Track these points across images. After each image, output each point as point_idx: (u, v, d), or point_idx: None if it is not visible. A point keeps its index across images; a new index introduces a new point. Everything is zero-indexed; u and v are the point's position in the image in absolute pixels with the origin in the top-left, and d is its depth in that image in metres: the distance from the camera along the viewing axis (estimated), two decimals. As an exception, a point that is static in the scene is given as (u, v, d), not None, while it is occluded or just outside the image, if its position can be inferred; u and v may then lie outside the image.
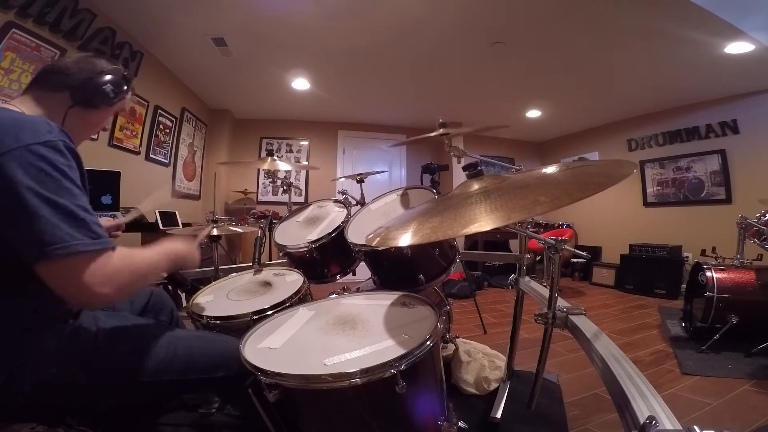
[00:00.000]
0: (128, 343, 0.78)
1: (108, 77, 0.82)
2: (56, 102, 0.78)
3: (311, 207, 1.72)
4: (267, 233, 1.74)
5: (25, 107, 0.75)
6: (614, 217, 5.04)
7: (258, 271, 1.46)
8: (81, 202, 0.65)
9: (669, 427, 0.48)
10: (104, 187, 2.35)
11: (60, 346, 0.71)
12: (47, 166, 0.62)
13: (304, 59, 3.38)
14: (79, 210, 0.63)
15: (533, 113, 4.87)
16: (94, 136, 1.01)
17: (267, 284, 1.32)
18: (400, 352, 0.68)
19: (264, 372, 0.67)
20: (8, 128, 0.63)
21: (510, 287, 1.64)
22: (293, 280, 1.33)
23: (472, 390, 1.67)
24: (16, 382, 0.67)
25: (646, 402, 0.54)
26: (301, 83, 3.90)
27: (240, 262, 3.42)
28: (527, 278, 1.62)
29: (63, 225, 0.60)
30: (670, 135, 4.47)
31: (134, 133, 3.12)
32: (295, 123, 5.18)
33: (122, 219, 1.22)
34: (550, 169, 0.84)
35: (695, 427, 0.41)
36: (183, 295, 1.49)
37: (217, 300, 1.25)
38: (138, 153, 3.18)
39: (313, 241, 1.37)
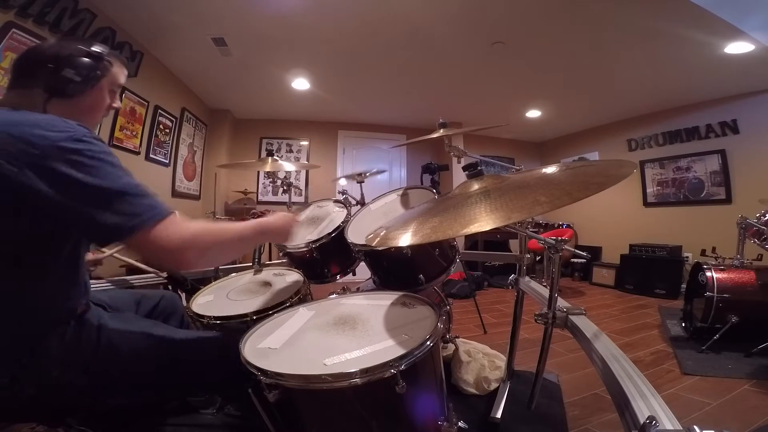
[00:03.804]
0: (130, 344, 0.78)
1: (75, 63, 0.76)
2: (34, 98, 0.75)
3: (311, 207, 1.72)
4: (267, 233, 1.73)
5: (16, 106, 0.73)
6: (614, 217, 5.04)
7: (258, 271, 1.46)
8: (127, 179, 0.67)
9: (669, 427, 0.48)
10: (104, 187, 2.35)
11: (62, 347, 0.71)
12: (84, 158, 0.63)
13: (304, 59, 3.38)
14: (129, 186, 0.66)
15: (533, 113, 4.87)
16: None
17: (267, 284, 1.32)
18: (400, 352, 0.68)
19: (264, 372, 0.67)
20: (30, 130, 0.62)
21: (510, 287, 1.63)
22: (293, 280, 1.33)
23: (472, 390, 1.67)
24: (19, 383, 0.67)
25: (646, 402, 0.54)
26: (301, 83, 3.90)
27: (240, 262, 3.41)
28: (527, 278, 1.61)
29: (128, 203, 0.64)
30: (670, 135, 4.47)
31: (134, 133, 3.11)
32: (295, 123, 5.18)
33: (101, 255, 1.20)
34: (550, 169, 0.84)
35: (695, 427, 0.41)
36: (183, 295, 1.49)
37: (217, 300, 1.25)
38: (138, 153, 3.18)
39: (313, 241, 1.37)
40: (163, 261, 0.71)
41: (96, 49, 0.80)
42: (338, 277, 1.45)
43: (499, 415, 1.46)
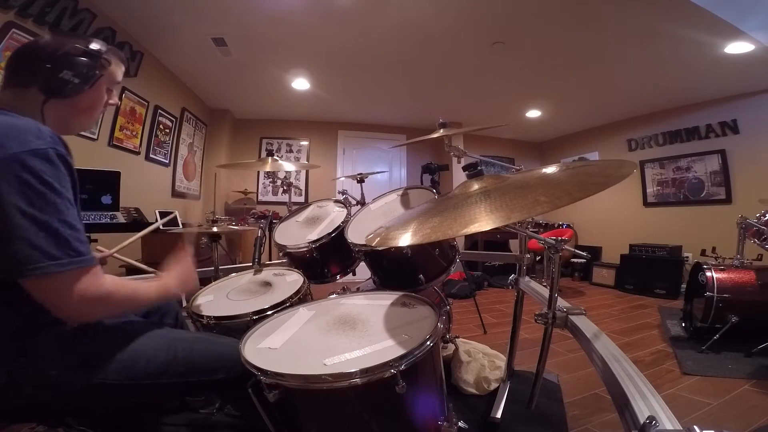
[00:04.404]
0: (129, 344, 0.77)
1: (73, 62, 0.74)
2: (31, 98, 0.73)
3: (311, 207, 1.72)
4: (267, 233, 1.74)
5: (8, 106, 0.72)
6: (614, 217, 5.04)
7: (258, 271, 1.46)
8: (66, 216, 0.63)
9: (669, 427, 0.48)
10: (104, 187, 2.35)
11: (60, 347, 0.71)
12: (33, 178, 0.59)
13: (304, 59, 3.38)
14: (61, 226, 0.61)
15: (533, 113, 4.87)
16: (94, 134, 0.99)
17: (267, 284, 1.32)
18: (400, 352, 0.68)
19: (264, 372, 0.67)
20: None
21: (510, 287, 1.64)
22: (293, 280, 1.33)
23: (472, 390, 1.67)
24: (17, 382, 0.67)
25: (646, 402, 0.54)
26: (301, 83, 3.90)
27: (240, 262, 3.42)
28: (527, 278, 1.62)
29: (42, 243, 0.59)
30: (670, 135, 4.47)
31: (134, 133, 3.11)
32: (295, 123, 5.18)
33: (101, 254, 1.20)
34: (550, 169, 0.84)
35: (695, 427, 0.41)
36: (183, 295, 1.49)
37: (217, 300, 1.25)
38: (138, 153, 3.19)
39: (313, 241, 1.37)
40: (65, 311, 0.64)
41: (94, 46, 0.77)
42: (338, 277, 1.46)
43: (499, 415, 1.46)
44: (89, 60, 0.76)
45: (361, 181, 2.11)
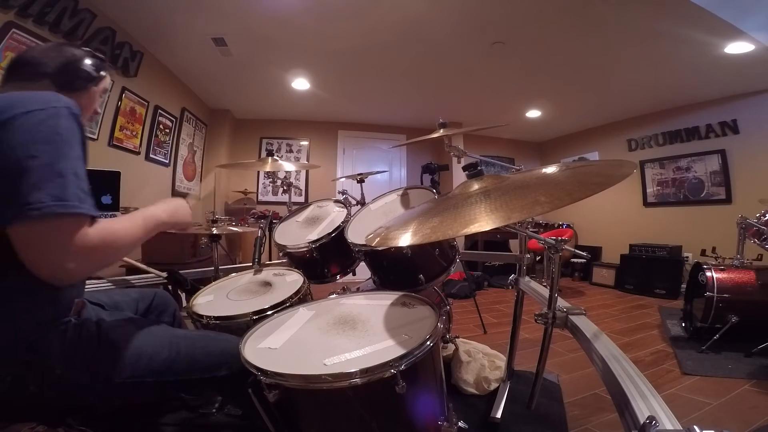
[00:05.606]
0: (131, 343, 0.78)
1: (83, 59, 0.84)
2: (41, 88, 0.76)
3: (311, 207, 1.72)
4: (267, 233, 1.74)
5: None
6: (614, 217, 5.04)
7: (258, 271, 1.46)
8: (74, 166, 0.64)
9: (669, 427, 0.48)
10: (104, 187, 2.34)
11: (64, 346, 0.71)
12: (48, 130, 0.63)
13: (304, 59, 3.38)
14: (69, 174, 0.62)
15: (533, 113, 4.87)
16: (94, 134, 1.01)
17: (267, 284, 1.32)
18: (400, 352, 0.68)
19: (264, 372, 0.67)
20: (17, 99, 0.65)
21: (510, 287, 1.63)
22: (293, 280, 1.33)
23: (472, 390, 1.67)
24: (21, 382, 0.67)
25: (646, 402, 0.54)
26: (301, 83, 3.90)
27: (240, 262, 3.42)
28: (527, 278, 1.62)
29: (49, 186, 0.59)
30: (670, 135, 4.47)
31: (134, 133, 3.11)
32: (295, 123, 5.18)
33: None
34: (550, 169, 0.84)
35: (695, 427, 0.41)
36: (183, 295, 1.49)
37: (217, 300, 1.24)
38: (138, 153, 3.18)
39: (313, 241, 1.37)
40: (58, 261, 0.61)
41: (97, 53, 0.88)
42: (338, 277, 1.46)
43: (499, 415, 1.46)
44: (96, 61, 0.87)
45: (361, 181, 2.11)
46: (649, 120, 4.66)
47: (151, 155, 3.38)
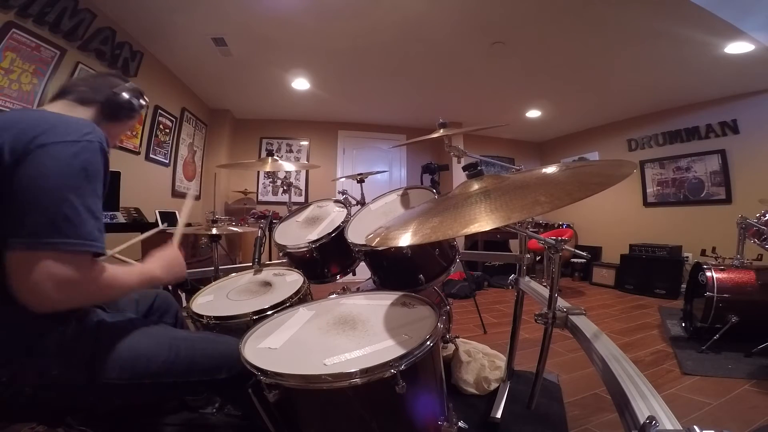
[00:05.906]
0: (131, 344, 0.78)
1: (130, 93, 0.90)
2: (86, 113, 0.82)
3: (311, 207, 1.72)
4: (267, 233, 1.74)
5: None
6: (614, 217, 5.04)
7: (258, 271, 1.46)
8: (91, 204, 0.66)
9: (669, 427, 0.48)
10: (104, 187, 2.35)
11: (62, 346, 0.71)
12: (77, 164, 0.65)
13: (304, 59, 3.38)
14: (83, 210, 0.64)
15: (533, 113, 4.87)
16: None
17: (267, 284, 1.32)
18: (400, 352, 0.68)
19: (264, 372, 0.67)
20: (54, 123, 0.67)
21: (510, 287, 1.63)
22: (293, 280, 1.33)
23: (472, 390, 1.67)
24: (19, 382, 0.67)
25: (646, 402, 0.54)
26: (301, 83, 3.90)
27: (240, 262, 3.42)
28: (527, 278, 1.62)
29: (60, 221, 0.61)
30: (670, 135, 4.46)
31: (134, 133, 3.12)
32: (295, 123, 5.18)
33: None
34: (550, 169, 0.84)
35: (695, 427, 0.41)
36: (183, 295, 1.50)
37: (217, 300, 1.24)
38: (138, 153, 3.19)
39: (313, 241, 1.37)
40: (32, 293, 0.61)
41: (140, 89, 0.95)
42: (338, 277, 1.46)
43: (499, 415, 1.46)
44: (140, 97, 0.93)
45: (361, 181, 2.11)
46: (649, 120, 4.66)
47: (151, 155, 3.38)
